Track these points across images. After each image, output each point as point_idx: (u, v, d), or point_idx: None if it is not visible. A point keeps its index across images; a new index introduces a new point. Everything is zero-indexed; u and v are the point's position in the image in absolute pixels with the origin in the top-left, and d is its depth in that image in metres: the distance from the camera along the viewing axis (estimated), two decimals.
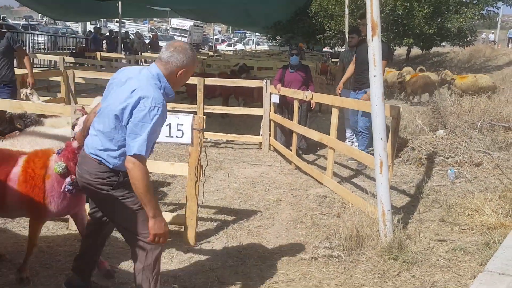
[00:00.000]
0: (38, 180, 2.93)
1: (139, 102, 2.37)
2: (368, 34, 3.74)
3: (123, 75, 2.58)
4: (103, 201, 2.61)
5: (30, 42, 20.37)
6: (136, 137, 2.35)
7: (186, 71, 2.53)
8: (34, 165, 2.96)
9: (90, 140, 2.60)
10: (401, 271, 3.25)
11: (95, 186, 2.55)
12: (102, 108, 2.57)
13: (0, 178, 2.92)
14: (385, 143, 3.73)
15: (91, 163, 2.55)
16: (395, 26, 18.46)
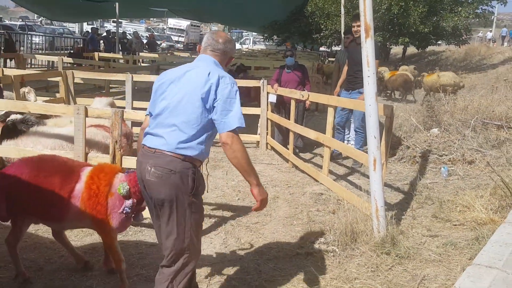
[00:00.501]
0: (101, 198, 2.94)
1: (219, 81, 2.51)
2: (362, 36, 3.84)
3: (173, 72, 2.67)
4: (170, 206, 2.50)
5: (28, 42, 20.40)
6: (229, 113, 2.47)
7: (231, 52, 2.76)
8: (98, 181, 2.95)
9: (168, 136, 2.52)
10: (394, 265, 3.36)
11: (179, 187, 2.48)
12: (171, 103, 2.55)
13: (63, 195, 2.94)
14: (379, 141, 3.83)
15: (175, 160, 2.48)
16: (391, 25, 18.60)
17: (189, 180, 2.48)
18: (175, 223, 2.50)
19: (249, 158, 2.51)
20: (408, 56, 27.41)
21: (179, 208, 2.49)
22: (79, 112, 4.23)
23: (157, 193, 2.50)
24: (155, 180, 2.48)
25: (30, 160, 3.17)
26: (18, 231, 3.14)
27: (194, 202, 2.52)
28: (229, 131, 2.46)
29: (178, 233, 2.51)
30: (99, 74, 9.13)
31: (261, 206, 2.61)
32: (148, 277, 3.35)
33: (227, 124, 2.47)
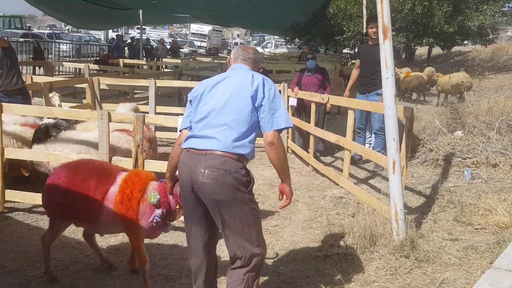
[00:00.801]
0: (133, 203, 3.02)
1: (264, 82, 2.64)
2: (379, 38, 3.85)
3: (210, 81, 2.76)
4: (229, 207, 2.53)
5: (56, 50, 21.01)
6: (276, 112, 2.57)
7: (260, 68, 2.93)
8: (132, 186, 3.03)
9: (221, 136, 2.54)
10: (413, 268, 3.35)
11: (236, 187, 2.51)
12: (217, 104, 2.60)
13: (97, 197, 3.06)
14: (398, 144, 3.82)
15: (229, 161, 2.51)
16: (415, 25, 18.36)
17: (244, 179, 2.53)
18: (239, 221, 2.54)
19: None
20: (433, 56, 26.98)
21: (239, 207, 2.52)
22: (102, 117, 4.36)
23: (214, 195, 2.51)
24: (211, 181, 2.49)
25: (68, 165, 3.32)
26: (54, 231, 3.27)
27: (250, 199, 2.58)
28: (275, 131, 2.55)
29: (243, 231, 2.55)
30: (123, 80, 9.36)
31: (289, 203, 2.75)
32: (169, 276, 3.43)
33: (275, 123, 2.55)
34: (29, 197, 4.56)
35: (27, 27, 32.66)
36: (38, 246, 3.81)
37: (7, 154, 4.54)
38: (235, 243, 2.59)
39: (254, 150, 2.65)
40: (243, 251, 2.57)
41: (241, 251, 2.58)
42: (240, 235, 2.56)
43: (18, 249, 3.80)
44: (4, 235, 4.05)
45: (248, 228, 2.56)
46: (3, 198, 4.57)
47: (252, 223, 2.58)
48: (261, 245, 2.62)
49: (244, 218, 2.55)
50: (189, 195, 2.64)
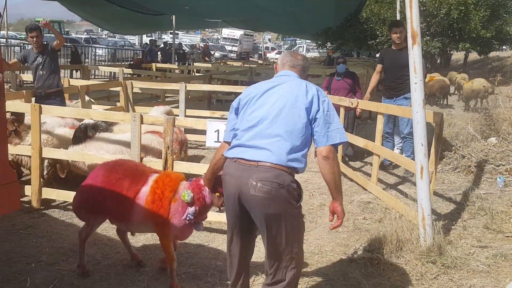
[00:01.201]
0: (165, 202, 3.07)
1: (319, 94, 2.55)
2: (408, 43, 3.83)
3: (260, 86, 2.66)
4: (279, 220, 2.45)
5: (92, 54, 21.70)
6: (330, 126, 2.47)
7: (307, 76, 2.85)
8: (163, 186, 3.11)
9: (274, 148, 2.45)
10: (439, 274, 3.31)
11: (288, 200, 2.44)
12: (270, 113, 2.51)
13: (129, 196, 3.17)
14: (426, 149, 3.79)
15: (283, 174, 2.42)
16: (450, 30, 17.94)
17: (295, 193, 2.45)
18: (284, 236, 2.46)
19: None
20: (470, 62, 26.29)
21: (289, 221, 2.45)
22: (135, 119, 4.51)
23: (265, 208, 2.43)
24: (263, 195, 2.40)
25: (106, 164, 3.46)
26: (90, 228, 3.41)
27: (300, 213, 2.52)
28: (331, 145, 2.45)
29: (287, 245, 2.47)
30: (155, 84, 9.60)
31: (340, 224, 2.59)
32: (195, 275, 3.51)
33: (330, 138, 2.45)
34: (65, 195, 4.75)
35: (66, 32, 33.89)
36: (72, 242, 3.99)
37: (45, 153, 4.75)
38: (277, 256, 2.52)
39: (306, 164, 2.55)
40: (281, 264, 2.52)
41: (278, 264, 2.52)
42: (284, 248, 2.49)
43: (53, 244, 3.97)
44: (41, 231, 4.24)
45: (291, 245, 2.50)
46: (40, 195, 4.78)
47: (297, 238, 2.53)
48: (299, 263, 2.57)
49: (291, 233, 2.48)
50: (234, 206, 2.57)
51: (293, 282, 2.55)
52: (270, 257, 2.54)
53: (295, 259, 2.53)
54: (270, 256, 2.54)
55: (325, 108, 2.50)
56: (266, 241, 2.52)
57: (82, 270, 3.42)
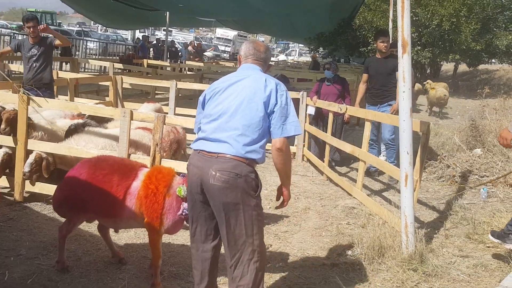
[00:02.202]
0: (159, 197, 3.05)
1: (277, 87, 2.64)
2: (398, 52, 3.86)
3: (223, 81, 2.76)
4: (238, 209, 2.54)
5: (83, 47, 21.50)
6: (287, 119, 2.58)
7: (270, 65, 2.89)
8: (157, 181, 3.08)
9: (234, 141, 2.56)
10: (420, 282, 3.34)
11: (246, 190, 2.54)
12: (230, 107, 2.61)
13: (120, 191, 3.13)
14: (411, 157, 3.82)
15: (241, 165, 2.54)
16: (441, 41, 18.17)
17: (253, 183, 2.56)
18: (244, 226, 2.54)
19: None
20: (459, 73, 26.62)
21: (247, 211, 2.54)
22: (125, 115, 4.48)
23: (223, 197, 2.53)
24: (221, 184, 2.52)
25: (89, 161, 3.40)
26: (72, 225, 3.36)
27: (257, 204, 2.60)
28: (285, 137, 2.57)
29: (247, 236, 2.55)
30: (146, 80, 9.54)
31: (284, 206, 2.81)
32: (177, 274, 3.49)
33: (285, 130, 2.57)
34: (48, 188, 4.69)
35: (58, 23, 33.52)
36: (52, 237, 3.94)
37: (30, 145, 4.68)
38: (235, 247, 2.58)
39: (265, 155, 2.66)
40: (241, 256, 2.57)
41: (239, 255, 2.58)
42: (243, 239, 2.56)
43: (33, 238, 3.92)
44: (21, 224, 4.18)
45: (251, 233, 2.57)
46: (23, 188, 4.72)
47: (257, 229, 2.59)
48: (261, 254, 2.61)
49: (250, 223, 2.56)
50: (198, 196, 2.67)
51: (257, 277, 2.58)
52: (231, 248, 2.60)
53: (257, 251, 2.58)
54: (230, 248, 2.60)
55: (283, 101, 2.60)
56: (226, 231, 2.60)
57: (61, 266, 3.37)
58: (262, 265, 2.60)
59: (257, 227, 2.58)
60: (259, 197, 2.63)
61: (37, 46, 6.21)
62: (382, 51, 6.50)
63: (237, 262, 2.58)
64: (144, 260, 3.70)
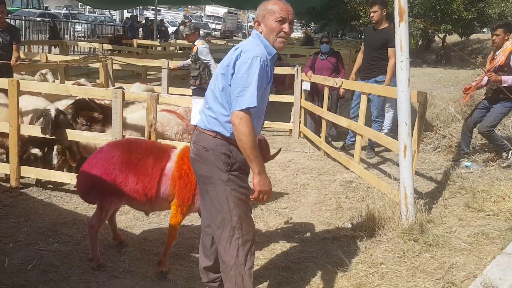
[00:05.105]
0: (192, 178, 2.96)
1: (240, 55, 2.37)
2: (395, 20, 3.78)
3: None
4: (211, 183, 2.49)
5: (72, 30, 21.10)
6: (242, 91, 2.30)
7: (264, 17, 2.47)
8: (189, 162, 2.92)
9: (203, 114, 2.54)
10: (421, 252, 3.35)
11: (215, 164, 2.46)
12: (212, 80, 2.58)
13: (156, 173, 3.07)
14: (410, 128, 3.79)
15: (208, 138, 2.48)
16: (433, 11, 17.96)
17: (223, 157, 2.44)
18: (218, 200, 2.47)
19: (255, 144, 2.32)
20: (451, 44, 26.43)
21: (219, 185, 2.46)
22: (116, 96, 4.39)
23: (196, 169, 2.57)
24: (194, 156, 2.55)
25: (119, 144, 3.30)
26: (104, 213, 3.22)
27: (231, 179, 2.46)
28: (239, 111, 2.29)
29: (224, 211, 2.47)
30: (137, 60, 9.38)
31: (259, 198, 2.41)
32: (179, 254, 3.49)
33: (237, 103, 2.30)
34: (45, 173, 4.64)
35: (45, 7, 32.79)
36: (51, 221, 3.92)
37: (23, 130, 4.60)
38: (214, 225, 2.52)
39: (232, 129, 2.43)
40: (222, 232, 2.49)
41: (220, 231, 2.50)
42: (219, 216, 2.49)
43: (31, 224, 3.88)
44: (19, 210, 4.14)
45: (228, 209, 2.47)
46: (19, 174, 4.65)
47: (233, 205, 2.47)
48: (243, 230, 2.48)
49: (223, 198, 2.46)
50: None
51: (239, 253, 2.47)
52: (212, 224, 2.57)
53: (237, 228, 2.47)
54: (211, 224, 2.57)
55: (241, 70, 2.32)
56: (204, 206, 2.61)
57: (97, 263, 3.24)
58: (245, 241, 2.50)
59: (233, 203, 2.46)
60: (235, 175, 2.47)
61: (3, 33, 5.70)
62: (371, 21, 6.29)
63: (219, 239, 2.52)
64: (144, 242, 3.68)
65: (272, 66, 2.48)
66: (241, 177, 2.50)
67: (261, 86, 2.33)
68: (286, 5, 2.46)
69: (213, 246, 2.76)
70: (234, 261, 2.48)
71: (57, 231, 3.76)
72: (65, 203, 4.35)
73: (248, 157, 2.34)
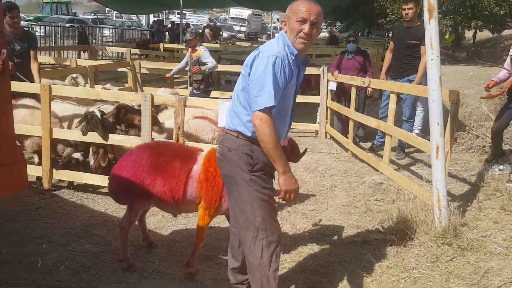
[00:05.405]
0: (218, 180, 2.97)
1: (258, 56, 2.39)
2: (425, 17, 3.69)
3: None
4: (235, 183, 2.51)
5: (100, 35, 21.55)
6: (260, 91, 2.29)
7: (289, 17, 2.44)
8: (215, 164, 2.89)
9: (228, 115, 2.58)
10: (455, 256, 3.24)
11: (238, 164, 2.47)
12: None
13: (182, 176, 3.11)
14: (442, 128, 3.69)
15: (231, 138, 2.51)
16: (463, 8, 17.51)
17: (245, 157, 2.44)
18: (241, 201, 2.48)
19: (277, 143, 2.30)
20: (482, 41, 25.74)
21: (242, 185, 2.46)
22: (146, 100, 4.45)
23: (222, 169, 2.59)
24: (219, 156, 2.59)
25: (147, 147, 3.35)
26: (134, 215, 3.26)
27: (253, 180, 2.45)
28: (258, 111, 2.28)
29: (248, 212, 2.47)
30: (164, 64, 9.49)
31: (286, 198, 2.38)
32: (206, 256, 3.49)
33: (256, 103, 2.29)
34: (76, 176, 4.73)
35: (73, 13, 33.67)
36: (82, 223, 4.00)
37: (55, 134, 4.71)
38: (238, 225, 2.54)
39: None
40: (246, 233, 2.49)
41: (242, 237, 2.52)
42: (243, 216, 2.49)
43: (63, 225, 3.96)
44: (51, 212, 4.23)
45: (251, 209, 2.46)
46: (51, 176, 4.77)
47: (257, 205, 2.45)
48: (267, 232, 2.45)
49: (246, 198, 2.46)
50: None
51: (264, 254, 2.46)
52: (236, 224, 2.59)
53: (262, 229, 2.45)
54: (236, 224, 2.60)
55: (258, 70, 2.31)
56: (230, 206, 2.64)
57: (128, 263, 3.28)
58: (269, 242, 2.48)
59: (256, 204, 2.45)
60: (258, 175, 2.46)
61: (20, 41, 5.49)
62: (405, 19, 6.16)
63: (244, 239, 2.52)
64: (173, 243, 3.71)
65: (296, 66, 2.45)
66: (264, 177, 2.49)
67: (278, 84, 2.31)
68: (310, 6, 2.40)
69: (240, 247, 2.76)
70: (259, 262, 2.47)
71: (89, 232, 3.83)
72: (96, 205, 4.43)
73: (271, 157, 2.33)
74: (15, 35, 5.45)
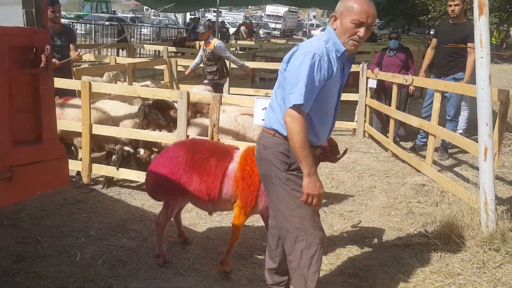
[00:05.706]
0: (255, 179, 2.96)
1: (296, 51, 2.34)
2: (474, 13, 3.51)
3: None
4: (271, 182, 2.48)
5: (138, 33, 21.98)
6: (292, 88, 2.23)
7: (342, 14, 2.30)
8: (252, 163, 2.92)
9: (267, 112, 2.55)
10: (503, 263, 3.07)
11: (273, 163, 2.43)
12: None
13: (218, 174, 3.10)
14: (491, 129, 3.50)
15: (267, 136, 2.47)
16: (509, 4, 16.74)
17: (280, 156, 2.39)
18: (278, 200, 2.46)
19: (305, 143, 2.22)
20: None
21: (279, 184, 2.42)
22: (182, 97, 4.45)
23: (259, 168, 2.57)
24: (256, 155, 2.57)
25: (183, 144, 3.36)
26: (170, 211, 3.27)
27: (290, 179, 2.40)
28: (289, 108, 2.22)
29: (285, 211, 2.44)
30: None
31: (308, 201, 2.29)
32: (241, 255, 3.45)
33: (289, 100, 2.23)
34: (114, 171, 4.79)
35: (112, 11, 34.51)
36: (119, 217, 4.04)
37: (95, 130, 4.78)
38: (278, 225, 2.53)
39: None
40: (286, 234, 2.47)
41: (283, 237, 2.52)
42: (281, 215, 2.47)
43: (101, 219, 4.02)
44: (90, 206, 4.30)
45: (289, 209, 2.42)
46: (90, 171, 4.86)
47: (294, 205, 2.40)
48: (306, 232, 2.40)
49: (283, 197, 2.43)
50: None
51: (304, 255, 2.42)
52: (277, 224, 2.57)
53: (301, 229, 2.41)
54: (276, 224, 2.57)
55: (294, 67, 2.26)
56: (269, 205, 2.61)
57: (163, 259, 3.29)
58: (309, 244, 2.42)
59: (294, 203, 2.39)
60: (294, 172, 2.39)
61: (59, 36, 5.59)
62: (451, 15, 5.92)
63: (284, 240, 2.50)
64: (207, 241, 3.68)
65: (340, 63, 2.35)
66: (302, 176, 2.37)
67: (313, 82, 2.22)
68: (368, 7, 2.25)
69: (277, 249, 2.71)
70: (298, 263, 2.46)
71: (126, 226, 3.86)
72: (133, 200, 4.48)
73: (298, 156, 2.27)
74: (55, 30, 5.52)
